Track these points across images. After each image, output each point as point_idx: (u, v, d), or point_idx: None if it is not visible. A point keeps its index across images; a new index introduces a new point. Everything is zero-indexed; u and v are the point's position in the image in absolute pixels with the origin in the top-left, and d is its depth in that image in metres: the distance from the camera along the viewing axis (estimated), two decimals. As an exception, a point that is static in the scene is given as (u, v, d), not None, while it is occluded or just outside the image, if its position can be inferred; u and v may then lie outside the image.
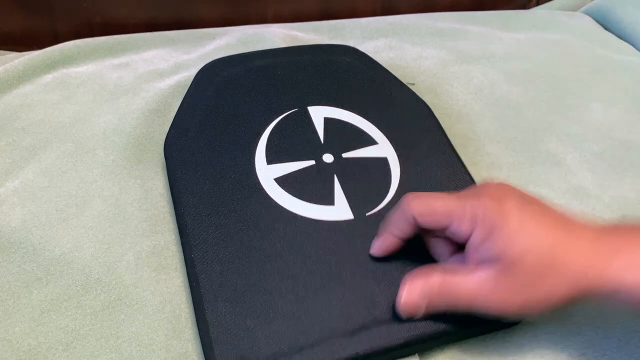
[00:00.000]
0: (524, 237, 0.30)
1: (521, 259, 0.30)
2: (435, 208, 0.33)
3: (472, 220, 0.32)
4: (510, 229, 0.31)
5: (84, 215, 0.42)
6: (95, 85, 0.54)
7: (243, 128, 0.45)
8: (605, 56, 0.63)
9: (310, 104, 0.47)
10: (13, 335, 0.35)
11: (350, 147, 0.44)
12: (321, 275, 0.36)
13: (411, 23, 0.66)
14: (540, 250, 0.30)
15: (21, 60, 0.54)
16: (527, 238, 0.30)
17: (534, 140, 0.52)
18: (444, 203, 0.33)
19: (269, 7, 0.69)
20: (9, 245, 0.40)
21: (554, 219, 0.32)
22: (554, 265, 0.30)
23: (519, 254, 0.30)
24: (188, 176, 0.41)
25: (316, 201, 0.40)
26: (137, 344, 0.35)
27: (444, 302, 0.33)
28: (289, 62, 0.52)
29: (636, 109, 0.56)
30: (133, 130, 0.49)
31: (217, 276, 0.36)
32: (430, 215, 0.34)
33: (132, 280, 0.38)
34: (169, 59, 0.58)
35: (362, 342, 0.33)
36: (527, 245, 0.30)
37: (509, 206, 0.31)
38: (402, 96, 0.50)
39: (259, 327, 0.33)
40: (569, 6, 0.77)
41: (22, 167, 0.45)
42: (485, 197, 0.32)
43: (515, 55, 0.62)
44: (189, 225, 0.38)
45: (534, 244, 0.30)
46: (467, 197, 0.33)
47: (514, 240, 0.31)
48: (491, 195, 0.33)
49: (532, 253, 0.30)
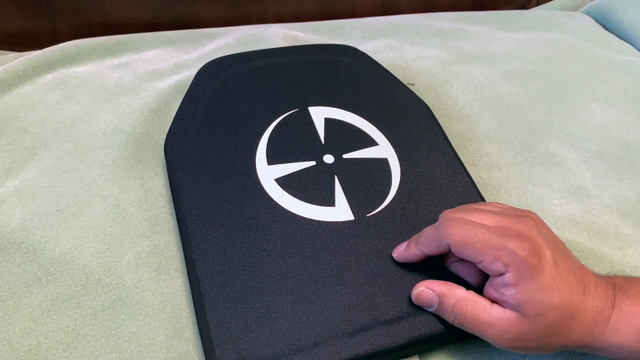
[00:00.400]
0: (552, 294, 0.31)
1: (545, 313, 0.31)
2: (473, 242, 0.33)
3: (506, 264, 0.32)
4: (541, 283, 0.31)
5: (84, 215, 0.42)
6: (95, 85, 0.54)
7: (244, 128, 0.45)
8: (605, 56, 0.63)
9: (311, 104, 0.47)
10: (13, 335, 0.35)
11: (350, 147, 0.44)
12: (322, 276, 0.36)
13: (411, 23, 0.66)
14: (562, 310, 0.31)
15: (21, 60, 0.54)
16: (554, 295, 0.31)
17: (533, 140, 0.52)
18: (483, 238, 0.33)
19: (269, 7, 0.69)
20: (9, 245, 0.40)
21: (577, 276, 0.33)
22: (569, 323, 0.32)
23: (544, 308, 0.31)
24: (188, 176, 0.41)
25: (317, 202, 0.40)
26: (137, 344, 0.35)
27: (459, 313, 0.33)
28: (289, 61, 0.51)
29: (636, 109, 0.56)
30: (133, 130, 0.49)
31: (218, 276, 0.36)
32: (467, 248, 0.33)
33: (133, 281, 0.38)
34: (169, 59, 0.58)
35: (362, 342, 0.33)
36: (553, 302, 0.31)
37: (546, 260, 0.32)
38: (402, 96, 0.50)
39: (259, 328, 0.33)
40: (569, 6, 0.77)
41: (22, 167, 0.45)
42: (525, 241, 0.32)
43: (515, 55, 0.62)
44: (189, 226, 0.38)
45: (559, 302, 0.31)
46: (507, 235, 0.32)
47: (542, 294, 0.31)
48: (530, 241, 0.32)
49: (555, 310, 0.31)
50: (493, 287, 0.33)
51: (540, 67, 0.61)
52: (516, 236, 0.32)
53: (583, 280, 0.33)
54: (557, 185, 0.48)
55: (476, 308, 0.33)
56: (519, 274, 0.32)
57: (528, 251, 0.32)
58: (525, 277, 0.31)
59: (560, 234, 0.43)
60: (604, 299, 0.32)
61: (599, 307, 0.32)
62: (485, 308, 0.33)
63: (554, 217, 0.45)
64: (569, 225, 0.44)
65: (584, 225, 0.45)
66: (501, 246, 0.32)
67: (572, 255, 0.35)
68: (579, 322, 0.32)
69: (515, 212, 0.35)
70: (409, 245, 0.37)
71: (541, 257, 0.32)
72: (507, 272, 0.32)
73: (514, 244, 0.32)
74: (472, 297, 0.33)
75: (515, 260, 0.32)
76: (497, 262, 0.32)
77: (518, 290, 0.32)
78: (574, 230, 0.44)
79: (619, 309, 0.32)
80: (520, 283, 0.32)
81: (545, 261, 0.32)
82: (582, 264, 0.34)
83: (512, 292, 0.32)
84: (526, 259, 0.31)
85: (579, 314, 0.32)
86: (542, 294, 0.31)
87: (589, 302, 0.32)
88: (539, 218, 0.35)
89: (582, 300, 0.32)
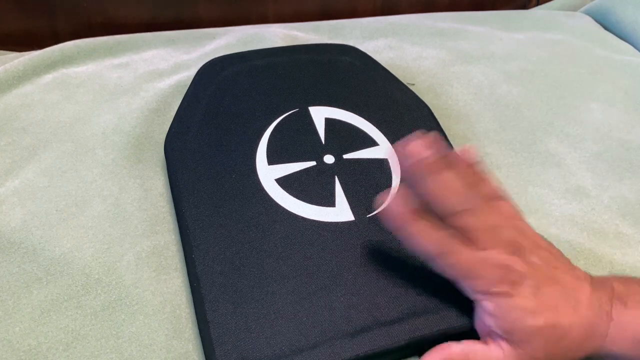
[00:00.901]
0: (534, 317, 0.31)
1: (533, 338, 0.31)
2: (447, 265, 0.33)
3: (482, 293, 0.32)
4: (521, 309, 0.31)
5: (84, 215, 0.42)
6: (95, 85, 0.54)
7: (244, 128, 0.45)
8: (605, 56, 0.63)
9: (311, 104, 0.47)
10: (13, 335, 0.35)
11: (351, 148, 0.44)
12: (322, 277, 0.36)
13: (411, 23, 0.66)
14: (550, 330, 0.31)
15: (21, 60, 0.54)
16: (537, 319, 0.31)
17: (533, 141, 0.52)
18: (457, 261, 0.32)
19: (269, 7, 0.69)
20: (9, 245, 0.40)
21: (566, 292, 0.32)
22: (562, 343, 0.31)
23: (531, 333, 0.31)
24: (188, 176, 0.41)
25: (317, 202, 0.40)
26: (137, 344, 0.35)
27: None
28: (289, 61, 0.51)
29: (636, 109, 0.56)
30: (133, 129, 0.49)
31: (218, 276, 0.36)
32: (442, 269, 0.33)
33: (133, 281, 0.38)
34: (169, 59, 0.58)
35: (362, 343, 0.33)
36: (537, 325, 0.31)
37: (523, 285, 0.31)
38: (402, 97, 0.50)
39: (259, 328, 0.33)
40: (569, 6, 0.77)
41: (22, 167, 0.45)
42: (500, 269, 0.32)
43: (515, 55, 0.62)
44: (189, 226, 0.38)
45: (544, 324, 0.31)
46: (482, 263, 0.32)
47: (525, 320, 0.31)
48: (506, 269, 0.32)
49: (542, 333, 0.31)
50: (480, 319, 0.33)
51: (540, 67, 0.61)
52: (498, 266, 0.32)
53: (575, 296, 0.32)
54: (556, 185, 0.48)
55: (478, 358, 0.33)
56: (497, 304, 0.32)
57: (506, 282, 0.31)
58: (503, 306, 0.31)
59: (560, 234, 0.43)
60: (597, 313, 0.32)
61: (593, 321, 0.32)
62: (485, 354, 0.32)
63: (554, 217, 0.45)
64: (568, 225, 0.44)
65: (584, 225, 0.45)
66: (481, 275, 0.32)
67: (562, 260, 0.34)
68: (572, 339, 0.31)
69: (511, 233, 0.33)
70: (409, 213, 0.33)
71: (519, 287, 0.31)
72: (483, 301, 0.32)
73: (494, 274, 0.32)
74: (469, 348, 0.33)
75: (492, 291, 0.32)
76: (472, 290, 0.33)
77: (500, 319, 0.32)
78: (574, 230, 0.44)
79: (617, 321, 0.32)
80: (500, 313, 0.32)
81: (524, 289, 0.31)
82: (574, 273, 0.33)
83: (495, 321, 0.32)
84: (503, 290, 0.31)
85: (571, 331, 0.31)
86: (526, 320, 0.31)
87: (582, 318, 0.32)
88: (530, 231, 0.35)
89: (572, 318, 0.32)
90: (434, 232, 0.33)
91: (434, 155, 0.33)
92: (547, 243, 0.35)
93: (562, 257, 0.35)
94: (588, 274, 0.34)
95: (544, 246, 0.34)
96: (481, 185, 0.34)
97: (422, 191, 0.33)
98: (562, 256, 0.35)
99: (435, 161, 0.33)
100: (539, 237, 0.35)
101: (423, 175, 0.33)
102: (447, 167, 0.33)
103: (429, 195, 0.33)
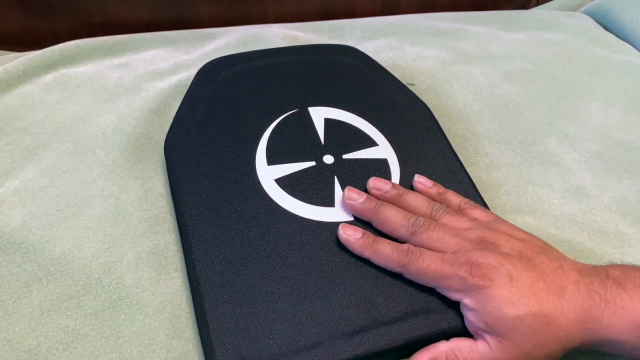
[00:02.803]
0: (514, 307, 0.32)
1: (515, 327, 0.32)
2: (426, 273, 0.34)
3: (459, 290, 0.33)
4: (500, 300, 0.32)
5: (84, 215, 0.42)
6: (95, 85, 0.54)
7: (243, 128, 0.45)
8: (605, 56, 0.63)
9: (311, 104, 0.47)
10: (13, 335, 0.35)
11: (350, 148, 0.44)
12: (321, 277, 0.36)
13: (411, 23, 0.66)
14: (533, 319, 0.31)
15: (21, 60, 0.54)
16: (517, 308, 0.32)
17: (533, 141, 0.52)
18: (435, 269, 0.34)
19: (269, 7, 0.69)
20: (9, 245, 0.40)
21: (548, 281, 0.33)
22: (549, 329, 0.32)
23: (512, 322, 0.32)
24: (188, 176, 0.41)
25: (316, 202, 0.40)
26: (137, 344, 0.35)
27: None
28: (289, 61, 0.52)
29: (635, 109, 0.56)
30: (133, 130, 0.49)
31: (217, 277, 0.36)
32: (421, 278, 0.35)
33: (133, 280, 0.38)
34: (169, 59, 0.58)
35: (361, 343, 0.33)
36: (518, 314, 0.31)
37: (500, 278, 0.32)
38: (402, 97, 0.50)
39: (259, 328, 0.34)
40: (569, 6, 0.77)
41: (22, 167, 0.45)
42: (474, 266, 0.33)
43: (515, 55, 0.62)
44: (189, 226, 0.38)
45: (524, 313, 0.31)
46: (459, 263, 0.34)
47: (504, 310, 0.32)
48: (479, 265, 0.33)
49: (524, 321, 0.31)
50: (466, 319, 0.34)
51: (540, 67, 0.61)
52: (466, 263, 0.33)
53: (558, 283, 0.33)
54: (556, 185, 0.48)
55: (465, 354, 0.33)
56: (475, 298, 0.33)
57: (477, 276, 0.33)
58: (481, 299, 0.32)
59: (560, 234, 0.43)
60: (588, 296, 0.32)
61: (584, 305, 0.32)
62: (472, 349, 0.33)
63: (554, 216, 0.45)
64: (568, 225, 0.44)
65: (584, 224, 0.45)
66: (452, 275, 0.33)
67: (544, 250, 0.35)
68: (560, 325, 0.32)
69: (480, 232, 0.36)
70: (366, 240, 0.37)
71: (493, 278, 0.32)
72: (463, 298, 0.33)
73: (464, 270, 0.33)
74: (456, 345, 0.33)
75: (467, 286, 0.33)
76: (450, 291, 0.34)
77: (481, 313, 0.32)
78: (574, 230, 0.44)
79: (613, 304, 0.32)
80: (479, 307, 0.32)
81: (499, 279, 0.32)
82: (557, 262, 0.34)
83: (477, 316, 0.33)
84: (476, 283, 0.32)
85: (556, 318, 0.32)
86: (504, 309, 0.32)
87: (569, 303, 0.32)
88: (505, 227, 0.36)
89: (557, 304, 0.32)
90: (391, 249, 0.36)
91: (365, 200, 0.38)
92: (527, 236, 0.36)
93: (545, 248, 0.35)
94: (579, 263, 0.35)
95: (522, 237, 0.35)
96: (447, 201, 0.39)
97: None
98: (545, 247, 0.35)
99: (370, 204, 0.38)
100: (517, 232, 0.36)
101: (365, 217, 0.38)
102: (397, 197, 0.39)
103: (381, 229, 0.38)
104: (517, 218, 0.44)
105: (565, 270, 0.33)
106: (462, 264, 0.33)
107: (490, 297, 0.32)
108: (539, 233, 0.43)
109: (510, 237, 0.35)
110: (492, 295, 0.32)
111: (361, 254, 0.37)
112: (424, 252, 0.35)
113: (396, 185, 0.40)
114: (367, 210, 0.38)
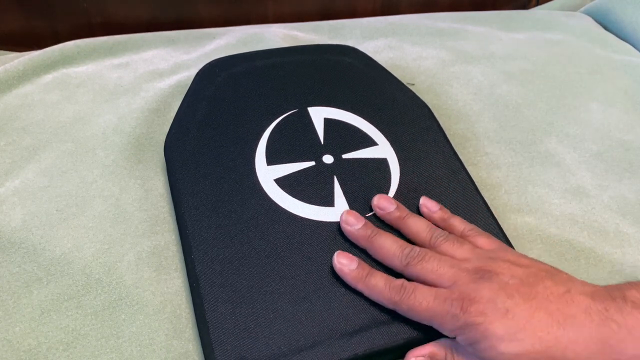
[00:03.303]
0: (511, 343, 0.30)
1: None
2: (419, 311, 0.33)
3: (452, 329, 0.32)
4: (495, 337, 0.30)
5: (84, 215, 0.42)
6: (95, 85, 0.54)
7: (243, 128, 0.45)
8: (605, 56, 0.63)
9: (311, 104, 0.47)
10: (13, 335, 0.35)
11: (350, 148, 0.44)
12: (321, 277, 0.36)
13: (411, 23, 0.66)
14: (533, 355, 0.29)
15: (21, 60, 0.54)
16: (513, 345, 0.29)
17: (533, 141, 0.52)
18: (427, 307, 0.32)
19: (269, 7, 0.69)
20: (9, 245, 0.40)
21: (551, 311, 0.30)
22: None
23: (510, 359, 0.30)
24: (188, 176, 0.41)
25: (316, 202, 0.40)
26: (137, 344, 0.35)
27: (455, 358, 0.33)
28: (289, 62, 0.52)
29: (635, 109, 0.56)
30: (133, 130, 0.49)
31: (217, 277, 0.36)
32: (414, 315, 0.33)
33: (133, 281, 0.38)
34: (169, 59, 0.58)
35: (361, 343, 0.33)
36: (515, 351, 0.29)
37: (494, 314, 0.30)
38: (402, 97, 0.50)
39: (258, 328, 0.34)
40: (569, 6, 0.77)
41: (22, 167, 0.45)
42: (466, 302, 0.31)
43: (515, 55, 0.62)
44: (189, 226, 0.38)
45: (522, 350, 0.29)
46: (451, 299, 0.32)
47: (500, 348, 0.30)
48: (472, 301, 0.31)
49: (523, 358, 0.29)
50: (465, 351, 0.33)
51: (540, 67, 0.61)
52: (459, 298, 0.32)
53: (564, 311, 0.30)
54: (556, 185, 0.48)
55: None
56: (467, 336, 0.31)
57: (470, 312, 0.31)
58: (473, 337, 0.31)
59: (560, 234, 0.43)
60: (603, 325, 0.29)
61: (597, 336, 0.29)
62: None
63: (554, 216, 0.45)
64: (568, 225, 0.44)
65: (584, 224, 0.45)
66: (444, 313, 0.32)
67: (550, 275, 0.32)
68: (574, 356, 0.29)
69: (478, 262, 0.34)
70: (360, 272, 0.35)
71: (486, 313, 0.30)
72: (457, 336, 0.32)
73: (455, 307, 0.31)
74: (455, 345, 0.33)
75: (459, 324, 0.31)
76: (443, 329, 0.32)
77: (476, 350, 0.31)
78: (574, 229, 0.44)
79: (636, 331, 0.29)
80: (474, 344, 0.31)
81: (492, 314, 0.30)
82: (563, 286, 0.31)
83: (472, 355, 0.31)
84: (467, 320, 0.31)
85: (561, 351, 0.29)
86: (498, 347, 0.30)
87: (577, 333, 0.29)
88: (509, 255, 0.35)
89: (561, 335, 0.29)
90: (384, 283, 0.34)
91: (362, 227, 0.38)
92: (531, 262, 0.34)
93: (551, 272, 0.33)
94: (590, 285, 0.32)
95: (525, 264, 0.33)
96: (451, 227, 0.38)
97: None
98: (551, 271, 0.33)
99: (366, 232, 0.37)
100: (520, 259, 0.34)
101: (360, 244, 0.38)
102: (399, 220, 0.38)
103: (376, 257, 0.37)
104: (518, 218, 0.44)
105: (574, 295, 0.31)
106: (454, 300, 0.31)
107: (482, 335, 0.30)
108: (539, 233, 0.43)
109: (512, 265, 0.33)
110: (485, 332, 0.30)
111: (354, 287, 0.35)
112: (417, 289, 0.33)
113: (401, 206, 0.39)
114: (362, 237, 0.37)
